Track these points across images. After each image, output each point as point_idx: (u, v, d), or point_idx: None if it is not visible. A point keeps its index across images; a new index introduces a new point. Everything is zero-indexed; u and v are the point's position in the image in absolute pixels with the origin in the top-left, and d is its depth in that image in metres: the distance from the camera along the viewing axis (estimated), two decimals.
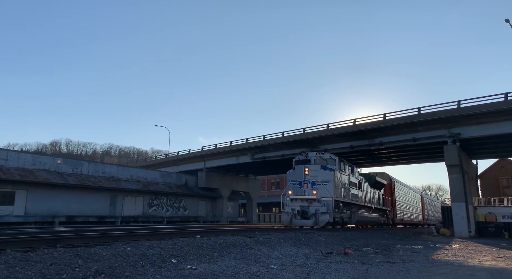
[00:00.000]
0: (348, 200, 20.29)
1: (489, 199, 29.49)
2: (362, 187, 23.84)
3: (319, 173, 18.50)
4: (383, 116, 28.16)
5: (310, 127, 32.11)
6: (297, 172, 18.97)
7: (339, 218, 19.17)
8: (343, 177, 20.10)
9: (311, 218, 17.46)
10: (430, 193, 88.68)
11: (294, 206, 18.08)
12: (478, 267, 8.14)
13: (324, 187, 17.97)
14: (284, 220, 18.61)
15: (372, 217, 25.07)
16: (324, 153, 20.18)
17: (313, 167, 18.75)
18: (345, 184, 20.19)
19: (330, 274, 6.37)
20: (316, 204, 17.67)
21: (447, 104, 25.59)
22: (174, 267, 6.06)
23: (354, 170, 22.81)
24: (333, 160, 19.50)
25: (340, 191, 19.22)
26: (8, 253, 5.12)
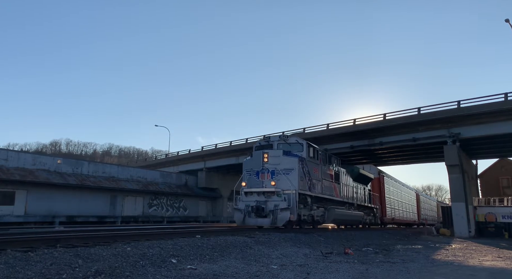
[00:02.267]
0: (320, 194, 16.70)
1: (489, 199, 29.52)
2: (342, 179, 20.10)
3: (281, 160, 14.86)
4: (383, 116, 28.19)
5: (310, 127, 32.15)
6: (255, 159, 15.28)
7: (308, 216, 15.79)
8: (313, 166, 16.33)
9: (268, 216, 13.97)
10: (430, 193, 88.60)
11: (249, 201, 14.51)
12: (478, 267, 8.15)
13: (287, 178, 14.36)
14: (235, 219, 14.98)
15: (354, 215, 21.33)
16: (289, 136, 16.40)
17: (274, 153, 15.12)
18: (316, 175, 16.50)
19: (330, 274, 6.38)
20: (275, 199, 14.13)
21: (447, 104, 25.64)
22: (174, 267, 6.06)
23: (331, 160, 19.14)
24: (299, 145, 15.88)
25: (308, 183, 15.58)
26: (8, 253, 5.12)
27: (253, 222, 14.35)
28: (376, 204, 26.90)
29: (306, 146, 16.00)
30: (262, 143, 16.51)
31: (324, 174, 17.65)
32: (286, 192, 14.16)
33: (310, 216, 15.99)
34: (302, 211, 15.03)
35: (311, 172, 15.95)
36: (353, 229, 21.59)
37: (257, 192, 14.62)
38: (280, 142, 15.94)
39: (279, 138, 16.21)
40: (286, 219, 13.82)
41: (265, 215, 14.07)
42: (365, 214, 23.90)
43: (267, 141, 16.29)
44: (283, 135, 16.80)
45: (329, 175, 18.38)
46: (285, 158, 14.95)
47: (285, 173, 14.58)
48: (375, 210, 26.40)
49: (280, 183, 14.42)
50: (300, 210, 14.79)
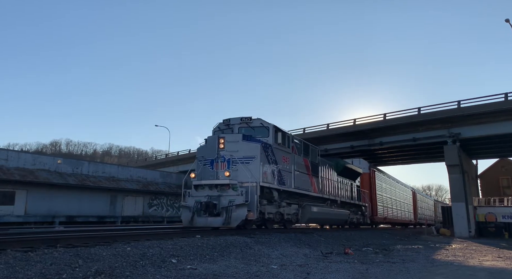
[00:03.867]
0: (291, 188, 14.19)
1: (489, 199, 29.54)
2: (321, 173, 17.47)
3: (239, 146, 12.30)
4: (383, 116, 28.23)
5: (310, 127, 32.21)
6: (209, 145, 12.74)
7: (275, 214, 13.30)
8: (283, 155, 13.79)
9: (221, 215, 11.47)
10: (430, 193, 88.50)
11: (200, 196, 12.05)
12: (478, 267, 8.15)
13: (246, 167, 11.90)
14: (182, 219, 12.44)
15: (336, 214, 18.72)
16: (252, 119, 13.50)
17: (231, 137, 12.59)
18: (286, 166, 13.98)
19: (330, 274, 6.38)
20: (231, 193, 11.67)
21: (447, 104, 25.71)
22: (174, 267, 6.06)
23: (308, 149, 16.36)
24: (264, 129, 13.27)
25: (275, 175, 13.11)
26: (8, 253, 5.12)
27: (203, 222, 11.71)
28: (366, 202, 24.29)
29: (273, 130, 13.35)
30: (221, 127, 13.78)
31: (298, 165, 15.02)
32: (245, 185, 11.63)
33: (278, 214, 13.50)
34: (266, 208, 12.59)
35: (279, 162, 13.40)
36: (353, 229, 21.54)
37: (209, 185, 12.10)
38: (241, 126, 13.37)
39: (241, 120, 13.46)
40: (242, 218, 11.29)
41: (218, 213, 11.53)
42: (351, 213, 21.40)
43: (227, 125, 13.61)
44: (247, 117, 13.57)
45: (304, 167, 15.65)
46: (245, 144, 12.38)
47: (245, 162, 12.08)
48: (363, 208, 23.76)
49: (238, 174, 11.89)
50: (264, 207, 12.40)
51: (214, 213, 11.56)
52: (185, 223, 12.22)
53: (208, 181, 12.21)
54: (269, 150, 12.94)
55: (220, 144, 12.40)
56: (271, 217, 13.06)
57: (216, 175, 12.25)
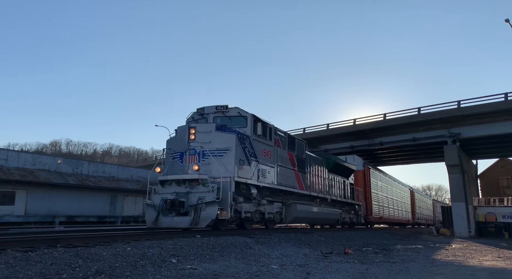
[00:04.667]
0: (273, 184, 12.87)
1: (489, 199, 29.56)
2: (309, 169, 16.11)
3: (213, 137, 11.09)
4: (383, 116, 28.27)
5: (310, 127, 32.25)
6: (179, 137, 11.51)
7: (254, 213, 12.05)
8: (263, 148, 12.56)
9: (190, 214, 10.16)
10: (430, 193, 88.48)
11: (166, 193, 10.82)
12: (478, 267, 8.15)
13: (220, 161, 10.67)
14: (146, 219, 11.15)
15: (326, 213, 17.46)
16: (229, 107, 12.26)
17: (203, 127, 11.34)
18: (268, 160, 12.74)
19: (330, 274, 6.38)
20: (201, 189, 10.37)
21: (447, 104, 25.75)
22: (174, 267, 6.06)
23: (294, 143, 15.00)
24: (242, 119, 12.08)
25: (254, 169, 11.85)
26: (8, 253, 5.12)
27: (168, 222, 10.38)
28: (360, 201, 22.96)
29: (252, 120, 12.09)
30: (195, 117, 12.53)
31: (282, 160, 13.74)
32: (217, 181, 10.36)
33: (258, 213, 12.26)
34: (243, 206, 11.31)
35: (259, 155, 12.17)
36: (353, 229, 21.54)
37: (176, 181, 10.76)
38: (217, 115, 12.16)
39: (216, 109, 12.23)
40: (212, 217, 9.93)
41: (186, 212, 10.25)
42: (344, 212, 20.18)
43: (201, 114, 12.38)
44: (223, 105, 12.31)
45: (290, 162, 14.34)
46: (219, 135, 11.14)
47: (218, 155, 10.82)
48: (357, 207, 22.44)
49: (210, 168, 10.60)
50: (240, 205, 11.16)
51: (181, 212, 10.29)
52: (148, 224, 10.92)
53: (175, 176, 10.85)
54: (246, 142, 11.64)
55: (190, 135, 11.11)
56: (250, 216, 11.76)
57: (185, 169, 10.88)
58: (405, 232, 24.71)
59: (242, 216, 11.39)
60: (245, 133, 11.77)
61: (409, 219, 36.04)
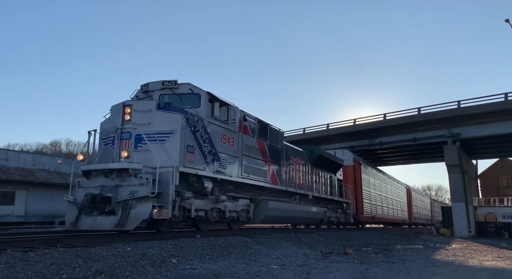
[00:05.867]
0: (236, 177, 10.95)
1: (489, 199, 29.59)
2: (286, 161, 14.36)
3: (153, 117, 9.16)
4: (383, 116, 28.30)
5: (310, 127, 32.29)
6: (113, 117, 9.50)
7: (210, 211, 10.10)
8: (222, 133, 10.61)
9: (117, 212, 8.15)
10: (430, 193, 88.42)
11: (90, 188, 8.85)
12: (478, 267, 8.16)
13: (161, 147, 8.79)
14: (66, 220, 9.32)
15: (307, 212, 15.60)
16: (179, 83, 10.23)
17: (142, 105, 9.40)
18: (228, 148, 10.81)
19: (330, 274, 6.38)
20: (134, 182, 8.39)
21: (447, 104, 25.79)
22: (174, 267, 6.07)
23: (266, 131, 13.04)
24: (194, 97, 10.08)
25: (209, 158, 9.92)
26: (8, 253, 5.13)
27: (90, 223, 8.33)
28: (349, 198, 20.99)
29: (206, 99, 10.10)
30: (140, 96, 10.50)
31: (250, 149, 11.83)
32: (159, 171, 8.36)
33: (216, 211, 10.33)
34: (194, 203, 9.39)
35: (216, 142, 10.25)
36: (353, 229, 21.54)
37: (103, 172, 8.68)
38: (164, 92, 10.18)
39: (162, 85, 10.22)
40: (145, 217, 7.89)
41: (112, 210, 8.22)
42: (330, 210, 18.26)
43: (145, 91, 10.38)
44: (173, 81, 10.24)
45: (260, 152, 12.45)
46: (161, 115, 9.21)
47: (159, 139, 8.94)
48: (345, 205, 20.47)
49: (149, 156, 8.56)
50: (188, 202, 9.23)
51: (106, 211, 8.30)
52: (67, 226, 8.95)
53: (99, 166, 8.88)
54: (199, 124, 9.66)
55: (125, 115, 9.12)
56: (204, 215, 9.80)
57: (115, 157, 8.95)
58: (405, 232, 24.72)
59: (193, 214, 9.30)
60: (197, 114, 9.72)
61: (405, 219, 34.30)
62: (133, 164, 8.48)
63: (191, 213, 9.30)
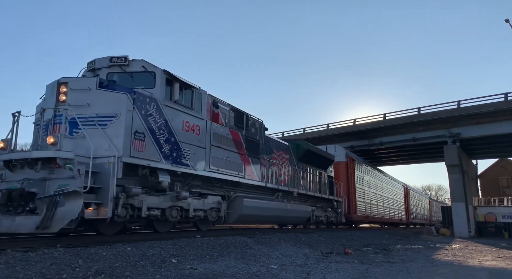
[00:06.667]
0: (202, 171, 9.59)
1: (489, 199, 29.63)
2: (267, 155, 13.16)
3: (93, 97, 7.85)
4: (383, 116, 28.35)
5: (310, 127, 32.32)
6: (47, 98, 8.19)
7: (170, 210, 8.79)
8: (185, 121, 9.27)
9: (40, 212, 6.40)
10: (430, 193, 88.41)
11: (13, 182, 7.30)
12: (478, 267, 8.17)
13: (100, 133, 7.52)
14: None
15: (291, 210, 14.26)
16: (130, 60, 8.85)
17: (80, 83, 8.02)
18: (193, 137, 9.43)
19: (330, 274, 6.39)
20: (64, 174, 6.88)
21: (447, 104, 25.84)
22: (174, 267, 6.07)
23: (242, 120, 11.90)
24: (148, 76, 8.75)
25: (166, 148, 8.64)
26: (8, 253, 5.13)
27: (7, 225, 6.59)
28: (340, 196, 19.68)
29: (163, 78, 8.80)
30: (87, 75, 9.04)
31: (221, 139, 10.50)
32: (98, 162, 7.15)
33: (177, 210, 8.98)
34: (145, 200, 8.02)
35: (176, 129, 8.94)
36: (353, 229, 21.53)
37: (25, 161, 7.09)
38: (113, 70, 8.85)
39: (111, 61, 8.81)
40: (73, 217, 6.31)
41: (34, 208, 6.64)
42: (318, 209, 16.97)
43: (92, 70, 9.00)
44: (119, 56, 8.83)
45: (234, 143, 11.13)
46: (103, 95, 7.86)
47: (99, 124, 7.61)
48: (335, 204, 19.08)
49: (87, 143, 6.99)
50: (138, 199, 7.82)
51: (28, 209, 6.76)
52: None
53: (19, 154, 7.37)
54: (152, 107, 8.34)
55: (60, 95, 7.80)
56: (159, 215, 8.42)
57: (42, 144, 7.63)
58: (404, 232, 24.73)
59: (144, 214, 7.92)
60: (151, 95, 8.41)
61: (403, 219, 33.22)
62: (61, 153, 6.88)
63: (141, 211, 7.93)
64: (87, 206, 6.78)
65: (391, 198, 30.09)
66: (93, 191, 6.97)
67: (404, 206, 34.14)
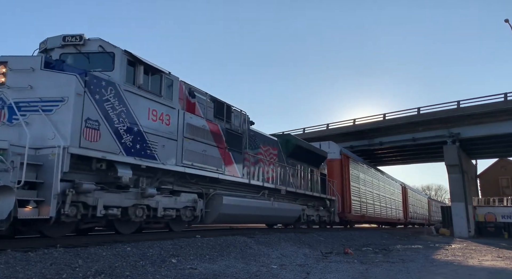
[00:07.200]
0: (171, 165, 8.66)
1: (488, 199, 29.63)
2: (251, 149, 12.27)
3: (37, 79, 6.94)
4: (383, 116, 28.36)
5: (310, 127, 32.32)
6: None
7: (133, 209, 7.85)
8: (152, 109, 8.34)
9: None
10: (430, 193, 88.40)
11: None
12: (477, 267, 8.17)
13: (44, 120, 6.62)
14: None
15: (278, 210, 13.26)
16: (88, 39, 7.93)
17: (22, 62, 7.02)
18: (161, 126, 8.51)
19: (330, 274, 6.39)
20: None
21: (447, 104, 25.86)
22: (174, 267, 6.07)
23: (222, 111, 11.00)
24: (107, 57, 7.80)
25: (126, 139, 7.66)
26: (8, 253, 5.13)
27: None
28: (333, 195, 18.80)
29: (124, 60, 7.80)
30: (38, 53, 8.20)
31: (196, 131, 9.52)
32: (41, 153, 6.35)
33: (143, 209, 8.01)
34: (100, 197, 7.06)
35: (140, 118, 7.94)
36: (353, 229, 21.54)
37: None
38: (66, 51, 7.90)
39: (64, 40, 7.83)
40: (2, 217, 5.38)
41: None
42: (309, 208, 16.13)
43: (44, 50, 8.07)
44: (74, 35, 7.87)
45: (212, 135, 10.15)
46: (48, 77, 6.96)
47: (43, 109, 6.70)
48: (328, 203, 18.07)
49: (28, 131, 6.16)
50: (91, 196, 6.89)
51: None
52: None
53: None
54: (109, 92, 7.30)
55: None
56: (119, 214, 7.42)
57: None
58: (404, 232, 24.74)
59: (100, 213, 6.95)
60: (109, 78, 7.42)
61: (400, 218, 32.39)
62: None
63: (96, 211, 6.95)
64: (25, 204, 5.87)
65: (388, 197, 29.39)
66: (35, 186, 6.13)
67: (402, 205, 33.49)
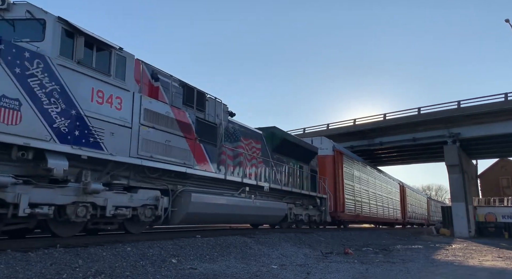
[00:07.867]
0: (122, 156, 7.27)
1: (489, 199, 29.65)
2: (228, 142, 11.10)
3: None
4: (383, 116, 28.37)
5: (310, 127, 32.34)
6: None
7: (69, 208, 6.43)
8: (96, 89, 6.92)
9: None
10: (430, 193, 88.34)
11: None
12: (478, 267, 8.17)
13: None
14: None
15: (259, 208, 12.00)
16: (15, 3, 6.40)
17: None
18: (110, 111, 7.14)
19: (330, 274, 6.39)
20: None
21: (447, 104, 25.86)
22: (174, 267, 6.07)
23: (192, 97, 9.77)
24: (36, 24, 6.35)
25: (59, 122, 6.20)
26: (8, 253, 5.12)
27: None
28: (324, 193, 17.62)
29: (59, 29, 6.51)
30: None
31: (156, 118, 8.28)
32: None
33: (86, 207, 6.72)
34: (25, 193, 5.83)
35: (80, 99, 6.64)
36: (353, 229, 21.53)
37: None
38: None
39: None
40: None
41: None
42: (297, 207, 14.99)
43: None
44: None
45: (178, 124, 8.93)
46: None
47: None
48: (318, 201, 16.80)
49: None
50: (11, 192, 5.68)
51: None
52: None
53: None
54: (35, 66, 6.04)
55: None
56: (51, 213, 6.18)
57: None
58: (404, 233, 24.73)
59: (23, 212, 5.74)
60: (37, 50, 6.16)
61: (398, 218, 31.01)
62: None
63: (19, 209, 5.72)
64: None
65: (385, 196, 28.05)
66: None
67: (400, 205, 32.25)
